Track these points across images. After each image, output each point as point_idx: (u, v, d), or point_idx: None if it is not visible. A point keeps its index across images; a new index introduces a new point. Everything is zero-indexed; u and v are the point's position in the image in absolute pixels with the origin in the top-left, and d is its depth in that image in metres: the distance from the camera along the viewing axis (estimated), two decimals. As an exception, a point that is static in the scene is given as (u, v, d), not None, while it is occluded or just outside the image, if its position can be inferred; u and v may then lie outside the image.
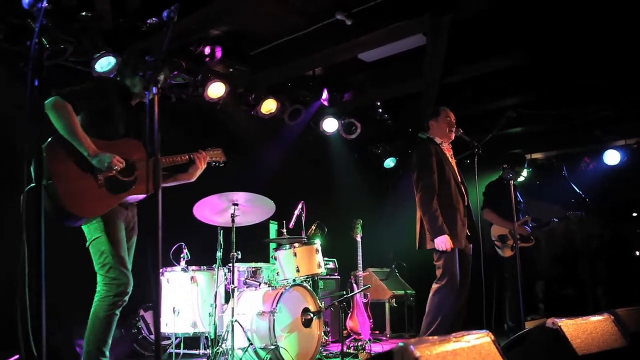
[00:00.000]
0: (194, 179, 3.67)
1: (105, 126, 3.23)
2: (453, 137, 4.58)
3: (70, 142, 3.03)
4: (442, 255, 4.24)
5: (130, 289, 3.21)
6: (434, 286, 4.30)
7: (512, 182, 4.60)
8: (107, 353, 3.16)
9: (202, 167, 3.64)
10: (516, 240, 4.67)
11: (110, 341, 3.19)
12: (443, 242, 4.16)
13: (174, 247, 4.69)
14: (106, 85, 3.42)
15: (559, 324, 2.54)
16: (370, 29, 5.28)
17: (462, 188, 4.49)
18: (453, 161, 4.57)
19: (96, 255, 3.20)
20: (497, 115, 6.68)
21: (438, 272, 4.29)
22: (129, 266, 3.29)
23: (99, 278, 3.21)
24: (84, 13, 4.60)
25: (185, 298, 4.57)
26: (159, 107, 2.37)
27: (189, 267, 4.66)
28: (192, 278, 4.61)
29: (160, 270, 3.95)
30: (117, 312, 3.19)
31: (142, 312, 5.04)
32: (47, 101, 3.02)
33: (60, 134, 3.03)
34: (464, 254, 4.37)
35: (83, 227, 3.24)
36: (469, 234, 4.40)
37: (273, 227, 6.16)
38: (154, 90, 2.39)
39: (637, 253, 7.38)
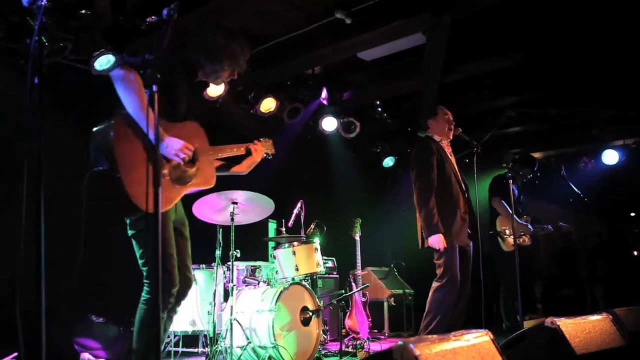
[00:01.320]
0: (246, 172, 3.45)
1: (167, 104, 2.73)
2: (452, 135, 4.58)
3: (136, 121, 2.62)
4: (442, 254, 4.23)
5: (174, 291, 2.86)
6: (434, 285, 4.30)
7: (512, 180, 4.60)
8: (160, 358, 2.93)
9: (258, 159, 3.43)
10: (515, 239, 4.67)
11: (161, 348, 2.83)
12: (436, 242, 4.16)
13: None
14: (172, 60, 2.95)
15: (558, 323, 2.54)
16: (369, 28, 5.27)
17: (463, 185, 4.49)
18: (453, 158, 4.56)
19: (139, 249, 2.86)
20: (497, 115, 6.69)
21: (439, 271, 4.28)
22: (187, 264, 3.03)
23: (145, 277, 2.88)
24: (83, 11, 4.59)
25: (184, 296, 4.56)
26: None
27: (188, 265, 4.65)
28: (191, 276, 4.61)
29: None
30: (164, 316, 2.86)
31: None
32: (115, 70, 2.67)
33: (125, 111, 2.64)
34: (464, 252, 4.37)
35: (126, 219, 2.88)
36: (469, 231, 4.39)
37: (272, 226, 6.17)
38: (155, 88, 2.37)
39: (636, 252, 7.40)
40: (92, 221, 2.90)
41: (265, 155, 3.58)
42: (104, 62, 4.83)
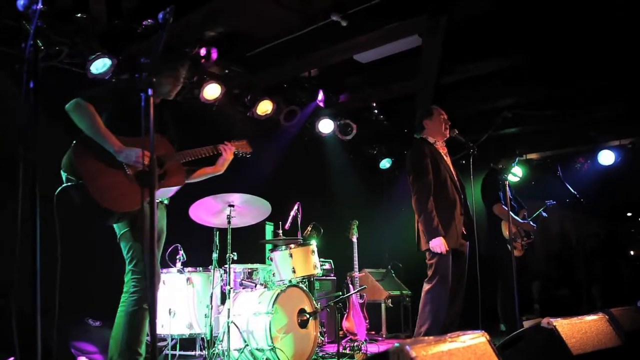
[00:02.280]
0: (222, 170, 3.74)
1: (130, 124, 3.17)
2: (448, 135, 4.57)
3: (95, 141, 3.07)
4: (435, 255, 4.23)
5: (158, 284, 3.20)
6: (425, 287, 4.29)
7: (506, 182, 4.60)
8: (143, 353, 3.10)
9: (229, 158, 3.71)
10: (511, 241, 4.68)
11: (144, 341, 3.12)
12: (438, 245, 4.15)
13: (170, 249, 4.68)
14: (127, 85, 3.45)
15: (554, 323, 2.55)
16: (365, 30, 5.28)
17: (459, 185, 4.48)
18: (448, 159, 4.55)
19: (125, 249, 3.21)
20: (493, 116, 6.71)
21: (429, 272, 4.28)
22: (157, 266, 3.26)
23: (127, 276, 3.20)
24: (79, 15, 4.59)
25: (181, 299, 4.57)
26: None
27: (185, 268, 4.67)
28: (188, 279, 4.62)
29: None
30: (147, 307, 3.12)
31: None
32: (69, 104, 3.08)
33: (85, 135, 3.08)
34: (459, 253, 4.36)
35: (114, 224, 3.24)
36: (464, 232, 4.39)
37: (269, 228, 6.16)
38: (150, 92, 2.38)
39: (632, 252, 7.42)
40: (82, 230, 3.05)
41: (242, 154, 3.90)
42: (100, 65, 4.85)
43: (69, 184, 2.99)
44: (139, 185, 3.14)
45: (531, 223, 5.87)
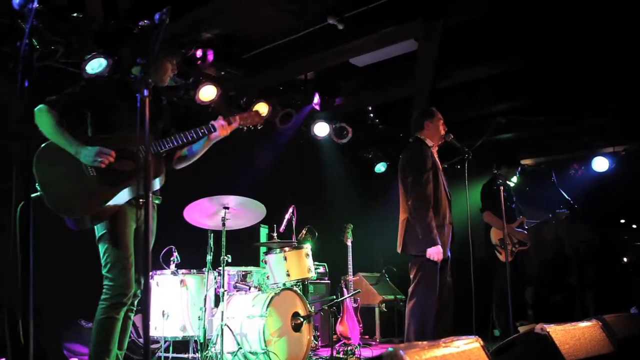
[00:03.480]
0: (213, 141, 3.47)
1: (105, 124, 3.17)
2: (443, 140, 4.52)
3: (58, 145, 3.04)
4: (424, 264, 4.15)
5: (129, 292, 3.08)
6: (411, 298, 4.21)
7: (502, 187, 4.60)
8: None
9: (223, 134, 3.38)
10: (506, 245, 4.69)
11: (114, 350, 3.05)
12: (436, 253, 4.09)
13: (163, 250, 4.67)
14: (93, 86, 3.31)
15: (548, 329, 2.55)
16: (362, 34, 5.29)
17: (449, 195, 4.45)
18: (440, 165, 4.51)
19: (101, 252, 3.13)
20: (488, 121, 6.72)
21: (414, 281, 4.20)
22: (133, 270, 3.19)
23: (104, 279, 3.12)
24: (75, 14, 4.58)
25: (174, 301, 4.55)
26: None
27: (178, 270, 4.64)
28: (181, 281, 4.59)
29: (150, 273, 3.93)
30: (117, 316, 3.05)
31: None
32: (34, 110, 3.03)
33: (50, 140, 3.06)
34: (446, 264, 4.33)
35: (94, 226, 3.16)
36: (450, 243, 4.36)
37: (263, 231, 6.15)
38: (145, 92, 2.37)
39: (625, 259, 7.44)
40: (74, 231, 3.04)
41: (250, 127, 3.58)
42: (95, 65, 4.83)
43: (37, 193, 2.97)
44: (105, 185, 3.04)
45: (524, 231, 5.89)
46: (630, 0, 4.65)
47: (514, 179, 6.27)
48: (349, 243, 5.71)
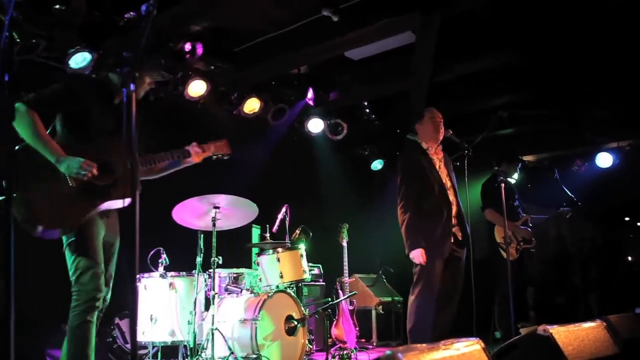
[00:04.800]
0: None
1: (84, 128, 3.15)
2: (441, 138, 4.53)
3: (37, 150, 2.98)
4: (419, 265, 4.24)
5: (100, 296, 3.12)
6: (410, 297, 4.30)
7: (503, 185, 4.60)
8: None
9: (196, 161, 3.60)
10: (507, 244, 4.69)
11: (92, 357, 3.08)
12: (417, 256, 4.18)
13: (151, 252, 4.66)
14: (78, 85, 3.28)
15: (551, 331, 2.56)
16: (357, 26, 5.28)
17: (450, 194, 4.44)
18: (442, 165, 4.51)
19: (69, 260, 3.14)
20: (489, 115, 6.73)
21: (414, 278, 4.30)
22: (111, 273, 3.27)
23: (72, 286, 3.15)
24: (57, 6, 4.55)
25: (163, 305, 4.54)
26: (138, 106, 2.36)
27: (167, 273, 4.63)
28: (170, 284, 4.59)
29: (137, 276, 3.92)
30: (92, 320, 3.09)
31: (117, 320, 5.00)
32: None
33: (27, 142, 2.99)
34: (454, 261, 4.35)
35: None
36: (460, 238, 4.38)
37: (256, 232, 6.14)
38: (132, 87, 2.37)
39: (630, 258, 7.47)
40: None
41: (220, 156, 3.78)
42: (79, 60, 4.81)
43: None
44: (83, 199, 3.05)
45: (528, 229, 5.89)
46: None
47: (515, 175, 6.28)
48: (345, 243, 5.71)
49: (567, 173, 7.44)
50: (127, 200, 3.19)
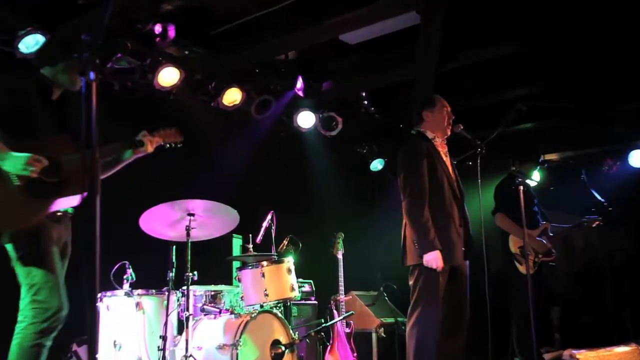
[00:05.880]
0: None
1: (22, 127, 3.22)
2: (450, 132, 4.57)
3: None
4: (422, 275, 4.22)
5: (62, 314, 3.19)
6: (410, 318, 4.27)
7: (521, 187, 4.60)
8: None
9: (149, 151, 3.73)
10: (526, 255, 4.69)
11: None
12: (434, 259, 4.13)
13: (115, 267, 4.62)
14: (14, 82, 3.40)
15: (578, 356, 2.56)
16: (354, 5, 5.28)
17: (458, 192, 4.47)
18: (448, 160, 4.55)
19: (23, 276, 3.19)
20: (504, 109, 6.74)
21: (413, 297, 4.28)
22: (63, 289, 3.28)
23: (24, 302, 3.18)
24: (6, -18, 4.54)
25: (129, 329, 4.51)
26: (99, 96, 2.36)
27: (133, 290, 4.60)
28: (137, 304, 4.55)
29: (98, 294, 3.90)
30: (47, 343, 3.15)
31: (74, 347, 4.95)
32: None
33: None
34: (457, 274, 4.35)
35: (6, 245, 3.22)
36: (463, 248, 4.38)
37: (237, 242, 6.14)
38: (92, 76, 2.36)
39: (667, 271, 7.49)
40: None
41: (170, 145, 3.95)
42: (30, 43, 4.78)
43: None
44: (33, 198, 3.12)
45: (544, 242, 5.87)
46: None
47: (536, 177, 6.28)
48: (340, 256, 5.71)
49: (596, 174, 7.45)
50: (78, 197, 3.26)
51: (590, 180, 6.06)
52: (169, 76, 5.72)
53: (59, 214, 3.33)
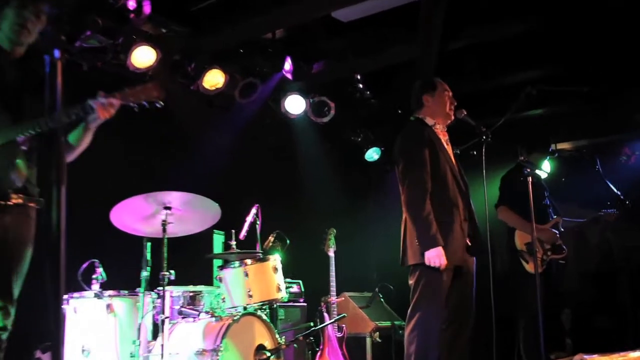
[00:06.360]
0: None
1: None
2: (452, 118, 4.57)
3: None
4: (423, 274, 4.20)
5: (10, 319, 3.14)
6: (409, 321, 4.27)
7: (530, 178, 4.61)
8: None
9: (104, 117, 3.28)
10: (535, 252, 4.69)
11: None
12: (436, 257, 4.13)
13: (83, 265, 4.60)
14: None
15: (589, 362, 2.56)
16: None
17: (462, 183, 4.48)
18: (449, 148, 4.55)
19: None
20: (512, 93, 6.74)
21: (413, 298, 4.27)
22: (15, 292, 3.23)
23: None
24: None
25: (98, 333, 4.49)
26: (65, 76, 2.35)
27: (104, 291, 4.59)
28: (108, 306, 4.54)
29: (65, 296, 3.88)
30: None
31: (39, 354, 4.93)
32: None
33: None
34: (463, 271, 4.36)
35: None
36: (469, 244, 4.39)
37: (218, 239, 6.14)
38: (57, 54, 2.35)
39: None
40: None
41: (147, 104, 3.44)
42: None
43: None
44: None
45: (553, 230, 5.88)
46: None
47: (546, 167, 6.28)
48: (332, 253, 5.72)
49: (612, 164, 7.46)
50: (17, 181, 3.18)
51: (606, 172, 6.07)
52: (144, 56, 5.70)
53: (9, 202, 3.21)
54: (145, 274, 4.50)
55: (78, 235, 3.39)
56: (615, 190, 6.02)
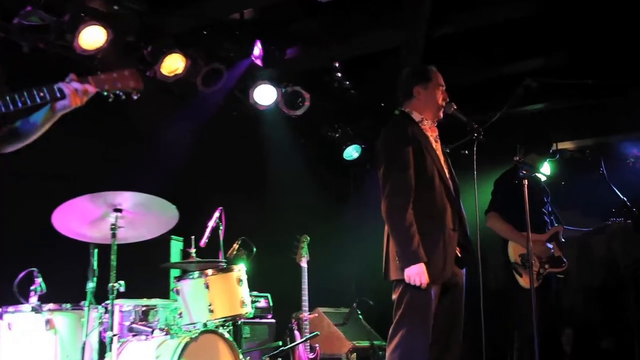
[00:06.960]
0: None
1: None
2: (441, 116, 4.55)
3: None
4: (408, 289, 4.17)
5: None
6: (391, 341, 4.24)
7: (526, 182, 4.64)
8: None
9: (76, 104, 3.19)
10: (531, 265, 4.72)
11: None
12: (417, 275, 4.09)
13: (20, 275, 4.56)
14: None
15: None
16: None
17: (452, 187, 4.47)
18: (439, 147, 4.53)
19: None
20: (509, 86, 6.78)
21: (396, 314, 4.24)
22: None
23: None
24: None
25: (36, 352, 4.46)
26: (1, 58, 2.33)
27: (43, 305, 4.55)
28: (48, 322, 4.51)
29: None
30: None
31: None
32: None
33: None
34: (451, 285, 4.36)
35: None
36: (459, 255, 4.40)
37: (176, 246, 6.12)
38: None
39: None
40: None
41: (122, 95, 3.37)
42: None
43: None
44: None
45: (548, 245, 5.91)
46: None
47: (546, 169, 6.32)
48: (304, 263, 5.73)
49: (618, 167, 7.54)
50: None
51: (611, 175, 6.12)
52: (93, 37, 5.66)
53: None
54: (91, 285, 4.48)
55: (14, 241, 3.36)
56: (621, 195, 6.07)
